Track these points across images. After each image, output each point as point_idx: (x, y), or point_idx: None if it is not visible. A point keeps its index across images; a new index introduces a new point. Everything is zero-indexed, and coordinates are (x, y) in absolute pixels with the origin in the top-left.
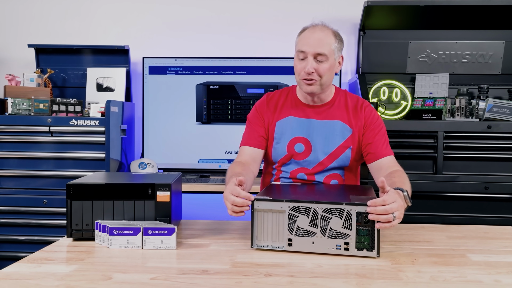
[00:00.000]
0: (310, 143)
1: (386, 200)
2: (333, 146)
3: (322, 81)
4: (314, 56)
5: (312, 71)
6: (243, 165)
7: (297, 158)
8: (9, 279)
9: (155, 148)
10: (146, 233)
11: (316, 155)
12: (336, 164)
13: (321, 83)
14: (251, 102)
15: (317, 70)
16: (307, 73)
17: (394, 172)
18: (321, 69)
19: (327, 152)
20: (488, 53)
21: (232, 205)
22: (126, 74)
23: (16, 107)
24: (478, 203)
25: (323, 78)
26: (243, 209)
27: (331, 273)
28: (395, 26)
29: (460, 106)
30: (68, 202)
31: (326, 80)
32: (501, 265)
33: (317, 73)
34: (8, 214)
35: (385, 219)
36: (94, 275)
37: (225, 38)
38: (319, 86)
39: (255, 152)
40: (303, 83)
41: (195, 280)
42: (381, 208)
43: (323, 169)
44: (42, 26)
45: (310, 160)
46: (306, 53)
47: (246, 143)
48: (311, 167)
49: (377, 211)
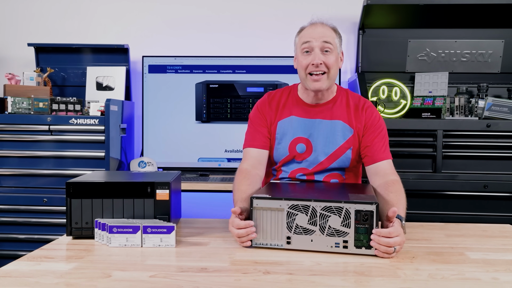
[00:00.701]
0: (311, 143)
1: (392, 233)
2: (334, 147)
3: (330, 75)
4: (320, 47)
5: (320, 62)
6: (248, 175)
7: (298, 158)
8: (9, 277)
9: (154, 147)
10: (146, 231)
11: (316, 156)
12: (336, 165)
13: (329, 76)
14: (250, 101)
15: (325, 61)
16: (315, 65)
17: (391, 185)
18: (329, 61)
19: (327, 153)
20: (487, 51)
21: (238, 238)
22: (125, 73)
23: (16, 106)
24: (477, 202)
25: (331, 71)
26: (250, 237)
27: (329, 271)
28: (395, 25)
29: (459, 104)
30: (67, 200)
31: (334, 74)
32: (499, 263)
33: (325, 65)
34: (8, 212)
35: (385, 250)
36: (94, 273)
37: (224, 37)
38: (326, 81)
39: (261, 154)
40: (310, 80)
41: (194, 278)
42: (385, 241)
43: (323, 169)
44: (42, 25)
45: (310, 160)
46: (312, 44)
47: (251, 144)
48: (311, 168)
49: (380, 242)
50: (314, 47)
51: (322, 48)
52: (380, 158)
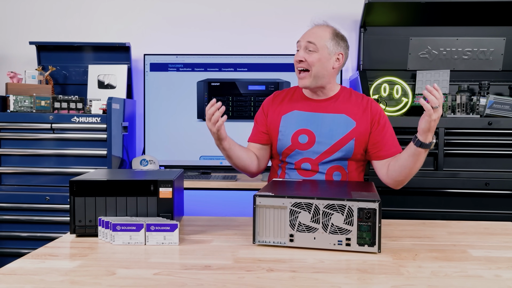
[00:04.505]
0: (314, 134)
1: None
2: (337, 137)
3: (313, 72)
4: (305, 46)
5: (301, 59)
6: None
7: (301, 148)
8: (14, 275)
9: (156, 145)
10: (149, 229)
11: (319, 146)
12: (340, 154)
13: (312, 74)
14: (252, 99)
15: (306, 59)
16: (297, 61)
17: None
18: (310, 59)
19: (330, 143)
20: (489, 49)
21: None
22: (127, 71)
23: (18, 104)
24: (478, 199)
25: (314, 69)
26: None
27: (332, 268)
28: (396, 23)
29: (461, 102)
30: (71, 198)
31: (317, 72)
32: (502, 260)
33: (307, 62)
34: (11, 210)
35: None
36: (98, 270)
37: (226, 34)
38: (310, 79)
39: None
40: (298, 77)
41: (198, 276)
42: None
43: (327, 159)
44: (43, 23)
45: (314, 150)
46: (300, 44)
47: (251, 139)
48: (315, 157)
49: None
50: (302, 46)
51: (305, 47)
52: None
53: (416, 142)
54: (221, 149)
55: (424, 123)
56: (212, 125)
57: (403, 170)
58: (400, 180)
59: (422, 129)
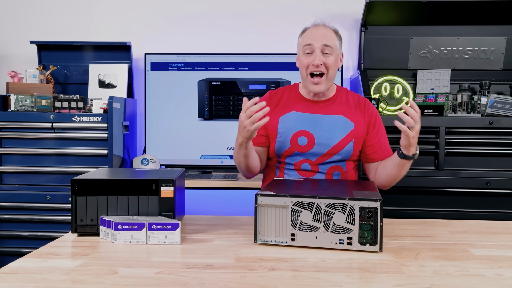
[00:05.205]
0: (313, 136)
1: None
2: (336, 139)
3: (329, 76)
4: (321, 49)
5: (320, 63)
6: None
7: (300, 150)
8: (16, 274)
9: (157, 144)
10: (151, 228)
11: (319, 148)
12: (339, 156)
13: (328, 77)
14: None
15: (324, 62)
16: (315, 65)
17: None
18: (328, 62)
19: (330, 145)
20: (489, 48)
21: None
22: (128, 70)
23: (19, 103)
24: (479, 199)
25: (330, 72)
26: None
27: (334, 267)
28: (397, 22)
29: (461, 101)
30: (72, 197)
31: (332, 74)
32: (503, 259)
33: (324, 66)
34: (12, 210)
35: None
36: (100, 269)
37: (226, 34)
38: (325, 83)
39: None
40: (310, 82)
41: (200, 275)
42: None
43: (326, 161)
44: (44, 22)
45: (313, 152)
46: (313, 46)
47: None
48: (315, 159)
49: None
50: (315, 49)
51: (322, 50)
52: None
53: (400, 155)
54: (242, 148)
55: (404, 141)
56: (250, 124)
57: (388, 178)
58: (386, 185)
59: (403, 145)
